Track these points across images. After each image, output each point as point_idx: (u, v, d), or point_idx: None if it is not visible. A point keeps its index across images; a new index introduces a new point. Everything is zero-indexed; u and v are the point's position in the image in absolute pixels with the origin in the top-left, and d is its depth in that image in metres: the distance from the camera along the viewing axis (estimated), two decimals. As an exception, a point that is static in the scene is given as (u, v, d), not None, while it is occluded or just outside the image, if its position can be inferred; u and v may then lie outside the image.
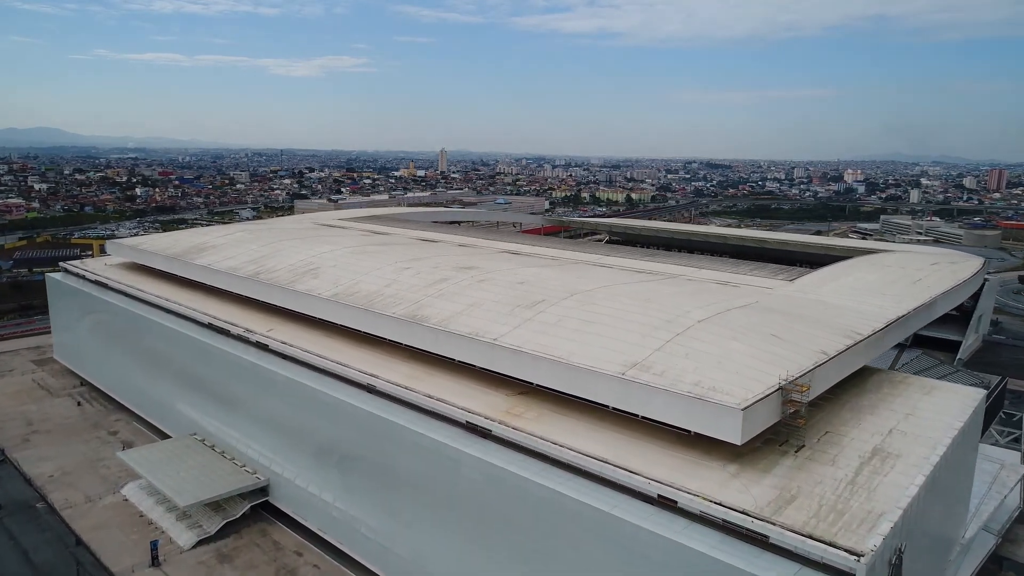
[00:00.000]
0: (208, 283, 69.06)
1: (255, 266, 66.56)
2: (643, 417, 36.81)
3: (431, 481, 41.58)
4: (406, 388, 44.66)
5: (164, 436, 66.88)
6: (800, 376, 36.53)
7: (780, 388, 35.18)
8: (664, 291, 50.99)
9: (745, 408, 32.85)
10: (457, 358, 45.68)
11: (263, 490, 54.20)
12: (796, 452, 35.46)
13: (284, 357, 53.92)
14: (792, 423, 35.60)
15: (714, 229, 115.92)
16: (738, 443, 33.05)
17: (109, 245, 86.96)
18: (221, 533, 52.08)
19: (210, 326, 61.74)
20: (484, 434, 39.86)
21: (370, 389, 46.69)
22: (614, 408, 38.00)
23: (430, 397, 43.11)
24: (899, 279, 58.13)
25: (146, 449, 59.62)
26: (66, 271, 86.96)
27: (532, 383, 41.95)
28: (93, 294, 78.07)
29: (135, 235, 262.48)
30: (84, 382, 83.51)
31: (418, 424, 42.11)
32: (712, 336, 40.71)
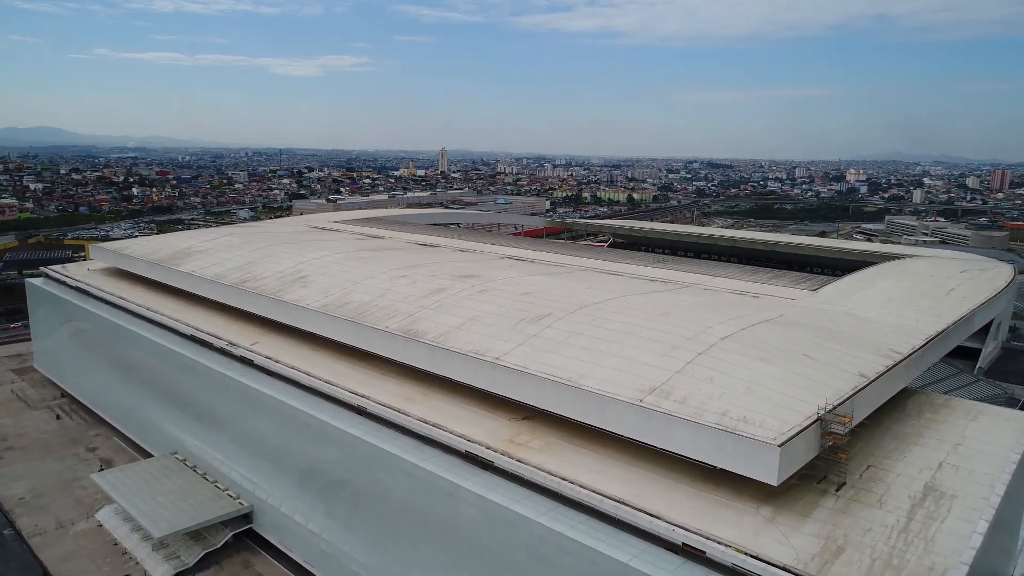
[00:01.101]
0: (192, 291, 65.06)
1: (241, 273, 62.56)
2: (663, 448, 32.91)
3: (426, 516, 37.59)
4: (399, 411, 40.72)
5: (145, 454, 62.89)
6: (839, 404, 32.55)
7: (819, 419, 31.21)
8: (680, 303, 46.99)
9: (782, 444, 28.87)
10: (456, 378, 41.69)
11: (247, 517, 50.18)
12: (837, 491, 31.48)
13: (269, 373, 50.00)
14: (832, 458, 31.62)
15: (722, 232, 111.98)
16: (774, 484, 29.09)
17: (92, 249, 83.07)
18: (201, 564, 48.06)
19: (192, 338, 57.80)
20: (485, 465, 35.91)
21: (360, 411, 42.76)
22: (629, 436, 34.07)
23: (425, 422, 39.16)
24: (931, 289, 54.12)
25: (121, 471, 55.58)
26: (47, 276, 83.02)
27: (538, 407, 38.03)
28: (73, 301, 74.10)
29: (130, 236, 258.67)
30: (65, 393, 79.49)
31: (412, 452, 38.10)
32: (738, 356, 36.72)
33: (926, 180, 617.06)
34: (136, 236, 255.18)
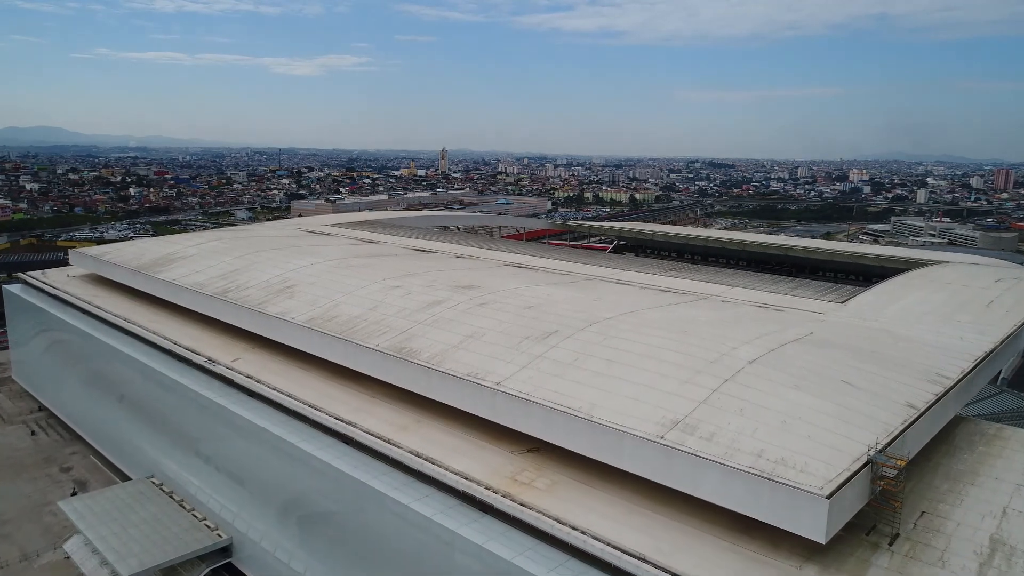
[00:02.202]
0: (172, 301, 60.97)
1: (225, 282, 58.45)
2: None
3: (419, 563, 33.43)
4: (389, 442, 36.58)
5: (122, 475, 58.86)
6: (890, 441, 28.45)
7: (869, 462, 27.09)
8: (699, 319, 42.86)
9: (831, 495, 24.74)
10: (452, 404, 37.57)
11: (225, 550, 46.03)
12: (890, 544, 27.35)
13: (250, 394, 45.91)
14: (882, 506, 27.50)
15: (732, 235, 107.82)
16: (822, 541, 24.97)
17: (72, 255, 78.94)
18: (174, 603, 44.06)
19: (170, 352, 53.71)
20: (484, 507, 31.81)
21: (346, 440, 38.64)
22: (649, 477, 29.97)
23: (417, 455, 35.02)
24: (969, 301, 49.93)
25: (92, 498, 51.43)
26: (25, 283, 78.95)
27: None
28: (48, 310, 70.01)
29: (126, 237, 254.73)
30: (43, 407, 75.43)
31: (403, 491, 33.92)
32: (769, 383, 32.61)
33: (930, 180, 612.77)
34: (131, 237, 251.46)
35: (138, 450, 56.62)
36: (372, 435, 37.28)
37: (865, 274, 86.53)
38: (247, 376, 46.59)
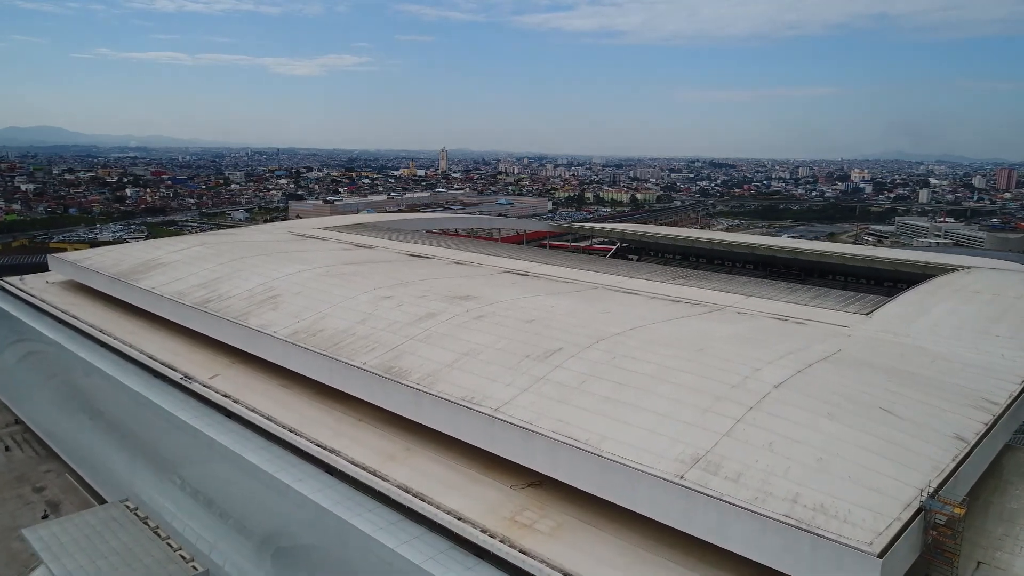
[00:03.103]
0: (151, 311, 57.46)
1: (206, 291, 54.93)
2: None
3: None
4: (375, 473, 33.06)
5: (98, 496, 55.31)
6: (943, 482, 24.94)
7: (922, 509, 23.57)
8: (716, 334, 39.32)
9: (883, 553, 21.24)
10: (446, 432, 34.04)
11: (201, 584, 42.51)
12: (946, 604, 23.84)
13: (227, 415, 42.40)
14: (939, 561, 23.98)
15: (739, 237, 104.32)
16: (872, 607, 21.45)
17: (51, 260, 75.36)
18: (145, 643, 40.53)
19: (145, 367, 50.20)
20: (479, 553, 28.29)
21: (329, 469, 35.12)
22: (667, 522, 26.46)
23: (406, 490, 31.48)
24: (1004, 313, 46.37)
25: (60, 524, 47.83)
26: (1, 289, 75.39)
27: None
28: (23, 318, 66.43)
29: (120, 238, 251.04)
30: (19, 420, 71.88)
31: (389, 532, 30.35)
32: (799, 411, 29.08)
33: (931, 180, 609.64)
34: (126, 239, 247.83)
35: (113, 471, 53.09)
36: (357, 465, 33.76)
37: (877, 278, 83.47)
38: (224, 395, 43.07)
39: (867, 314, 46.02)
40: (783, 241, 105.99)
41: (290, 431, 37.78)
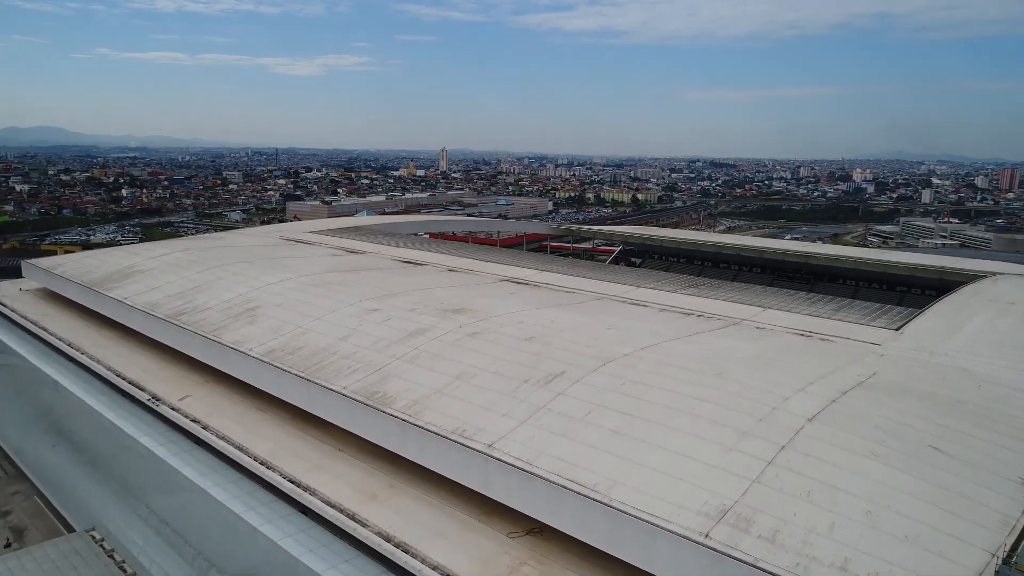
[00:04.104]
0: (123, 323, 53.68)
1: (181, 302, 51.12)
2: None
3: None
4: (352, 517, 29.19)
5: (67, 524, 51.46)
6: (1016, 542, 21.10)
7: (998, 578, 19.75)
8: (735, 353, 35.46)
9: (961, 643, 17.39)
10: (434, 469, 30.19)
11: (167, 628, 38.68)
12: None
13: (196, 441, 38.57)
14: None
15: (748, 241, 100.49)
16: None
17: (25, 266, 71.54)
18: None
19: (112, 386, 46.40)
20: (472, 617, 24.45)
21: (304, 510, 31.28)
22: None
23: (387, 539, 27.61)
24: (1047, 327, 42.55)
25: (18, 558, 43.84)
26: (-27, 297, 71.49)
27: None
28: (-9, 330, 62.59)
29: (114, 240, 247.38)
30: (-9, 435, 68.02)
31: (368, 588, 26.56)
32: (838, 451, 25.23)
33: (934, 180, 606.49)
34: (120, 240, 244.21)
35: (80, 497, 49.26)
36: (333, 507, 29.89)
37: (890, 283, 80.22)
38: (193, 420, 39.21)
39: (897, 329, 42.15)
40: (793, 245, 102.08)
41: (261, 463, 33.92)
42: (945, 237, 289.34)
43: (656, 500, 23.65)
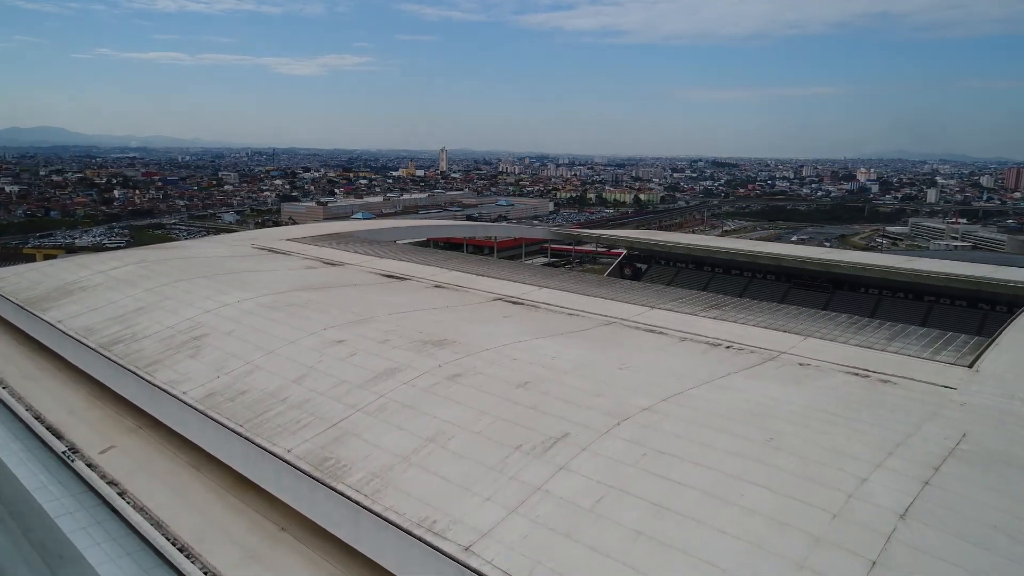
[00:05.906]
0: (55, 350, 46.44)
1: (120, 327, 43.89)
2: None
3: None
4: (287, 641, 21.94)
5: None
6: None
7: None
8: (784, 407, 28.14)
9: None
10: (395, 573, 22.86)
11: None
12: None
13: (112, 510, 31.30)
14: None
15: (762, 248, 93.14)
16: None
17: (-34, 279, 64.04)
18: None
19: (30, 430, 39.11)
20: None
21: (228, 620, 24.02)
22: None
23: None
24: None
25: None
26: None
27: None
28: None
29: (101, 243, 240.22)
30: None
31: None
32: (950, 568, 17.99)
33: (938, 179, 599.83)
34: (107, 243, 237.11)
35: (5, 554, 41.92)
36: (262, 623, 22.62)
37: (918, 293, 73.85)
38: (111, 482, 31.94)
39: (969, 367, 34.81)
40: (812, 251, 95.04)
41: (181, 550, 26.61)
42: (956, 238, 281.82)
43: (701, 655, 16.39)
